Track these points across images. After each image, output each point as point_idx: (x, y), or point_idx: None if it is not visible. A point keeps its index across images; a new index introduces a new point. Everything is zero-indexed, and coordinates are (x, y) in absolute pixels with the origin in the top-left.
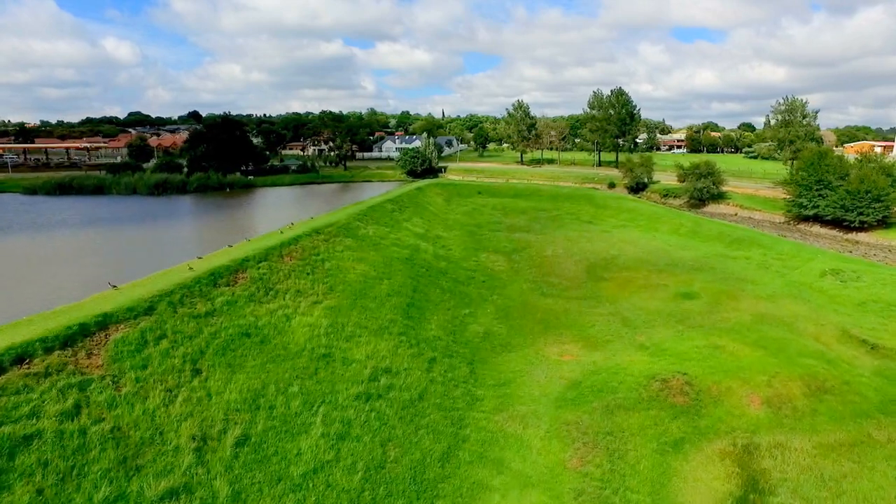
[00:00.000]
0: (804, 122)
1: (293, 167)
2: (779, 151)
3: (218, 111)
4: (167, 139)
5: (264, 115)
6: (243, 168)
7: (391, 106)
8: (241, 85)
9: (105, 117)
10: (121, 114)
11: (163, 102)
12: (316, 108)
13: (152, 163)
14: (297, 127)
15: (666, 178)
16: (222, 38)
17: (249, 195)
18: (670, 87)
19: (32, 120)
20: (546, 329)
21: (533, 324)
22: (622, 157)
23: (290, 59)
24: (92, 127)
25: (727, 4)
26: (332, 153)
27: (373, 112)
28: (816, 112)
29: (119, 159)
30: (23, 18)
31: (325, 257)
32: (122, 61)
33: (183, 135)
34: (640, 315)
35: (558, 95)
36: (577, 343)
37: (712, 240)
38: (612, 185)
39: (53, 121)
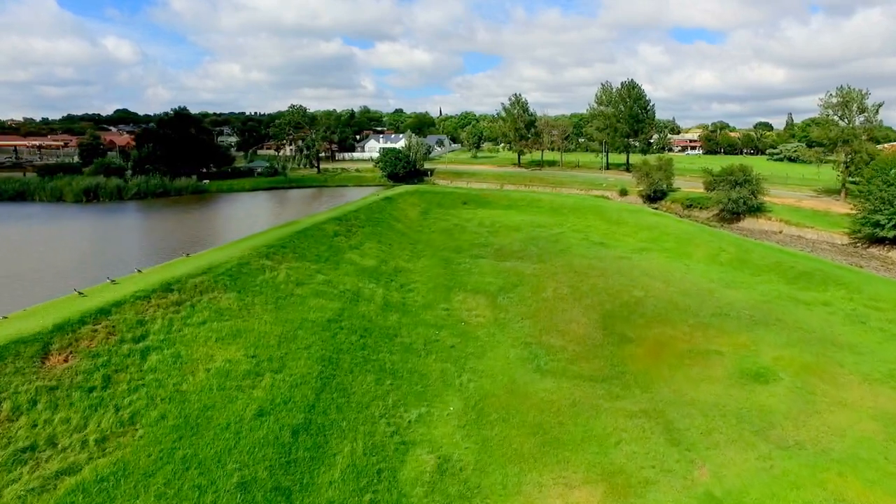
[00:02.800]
0: (862, 118)
1: (259, 169)
2: (821, 154)
3: (218, 110)
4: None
5: (255, 112)
6: (203, 170)
7: (391, 105)
8: (242, 84)
9: (87, 114)
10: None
11: (162, 101)
12: (316, 107)
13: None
14: (269, 125)
15: (685, 184)
16: (221, 38)
17: (194, 203)
18: (670, 88)
19: (22, 117)
20: (542, 448)
21: (521, 436)
22: (635, 159)
23: (290, 58)
24: (69, 125)
25: (726, 5)
26: (301, 153)
27: (366, 110)
28: (879, 105)
29: (75, 159)
30: (23, 17)
31: (154, 342)
32: (122, 60)
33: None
34: (691, 416)
35: (558, 96)
36: (593, 485)
37: (767, 272)
38: (623, 193)
39: (52, 118)
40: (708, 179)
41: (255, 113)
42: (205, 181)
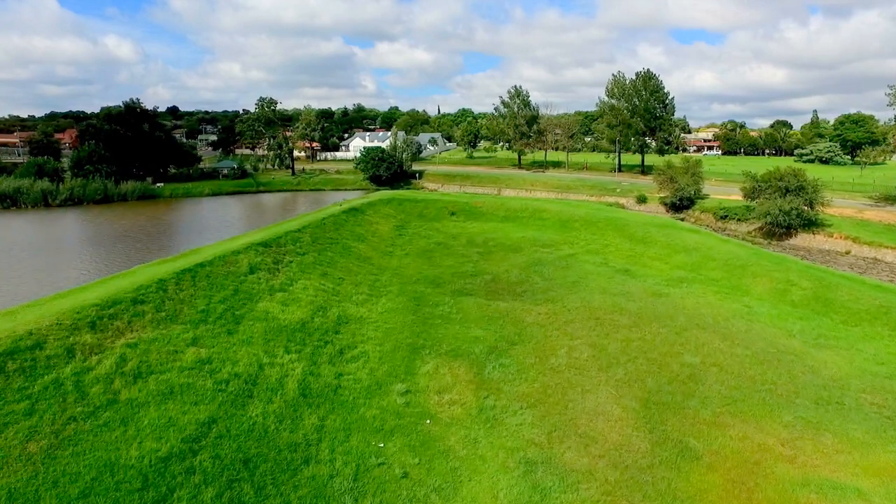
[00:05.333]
0: None
1: (225, 171)
2: (889, 153)
3: (217, 108)
4: None
5: (243, 110)
6: (161, 171)
7: (391, 105)
8: (242, 83)
9: (71, 111)
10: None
11: (162, 100)
12: (316, 107)
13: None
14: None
15: (711, 189)
16: (221, 37)
17: (130, 212)
18: (671, 88)
19: (8, 115)
20: None
21: None
22: (657, 160)
23: (290, 57)
24: (47, 122)
25: (726, 6)
26: (272, 152)
27: (360, 108)
28: None
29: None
30: (24, 15)
31: None
32: (123, 59)
33: None
34: None
35: (559, 96)
36: None
37: (869, 321)
38: (642, 200)
39: (38, 115)
40: (749, 185)
41: (247, 111)
42: (158, 185)
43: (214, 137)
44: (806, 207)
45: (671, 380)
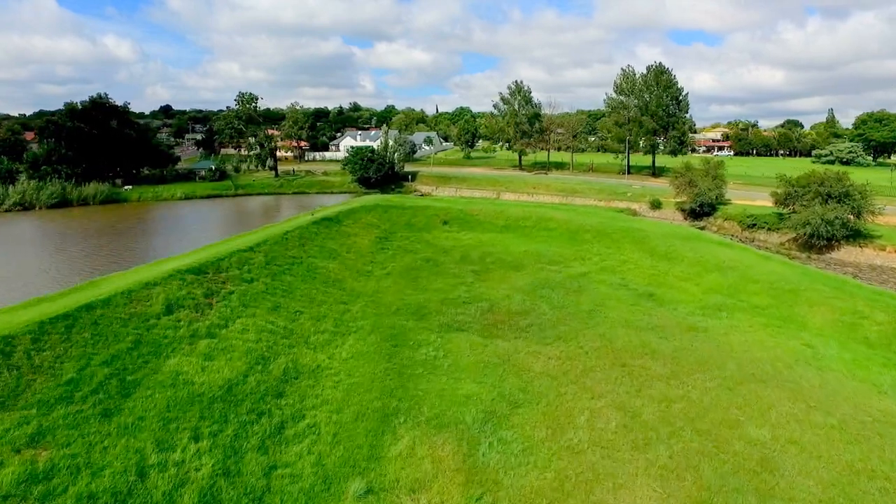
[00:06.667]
0: None
1: (202, 172)
2: None
3: (215, 108)
4: None
5: (227, 107)
6: (133, 172)
7: (390, 105)
8: (241, 83)
9: (60, 110)
10: None
11: (161, 100)
12: (315, 106)
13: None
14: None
15: (732, 193)
16: (220, 37)
17: (80, 219)
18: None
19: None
20: None
21: None
22: (667, 161)
23: (289, 57)
24: (36, 119)
25: (724, 7)
26: (253, 153)
27: (356, 106)
28: None
29: None
30: (24, 15)
31: None
32: (122, 58)
33: None
34: None
35: (558, 97)
36: None
37: None
38: (656, 205)
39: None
40: (783, 190)
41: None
42: (127, 187)
43: (201, 136)
44: (852, 216)
45: (736, 467)
